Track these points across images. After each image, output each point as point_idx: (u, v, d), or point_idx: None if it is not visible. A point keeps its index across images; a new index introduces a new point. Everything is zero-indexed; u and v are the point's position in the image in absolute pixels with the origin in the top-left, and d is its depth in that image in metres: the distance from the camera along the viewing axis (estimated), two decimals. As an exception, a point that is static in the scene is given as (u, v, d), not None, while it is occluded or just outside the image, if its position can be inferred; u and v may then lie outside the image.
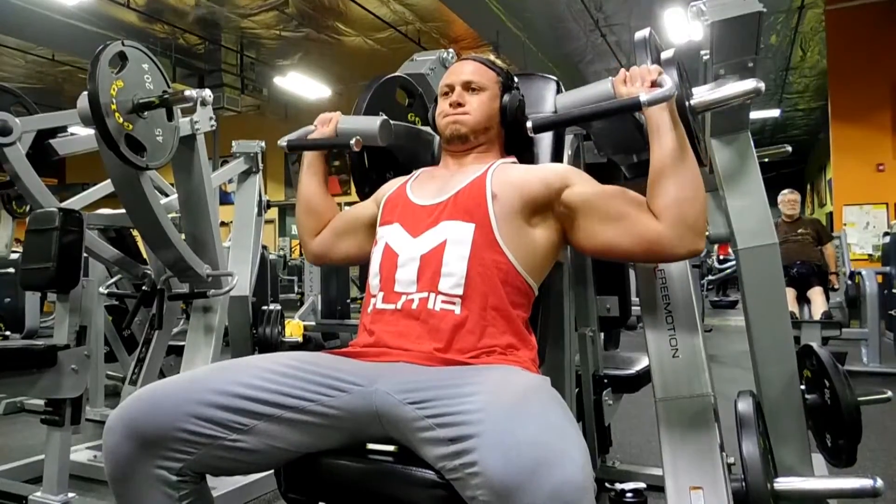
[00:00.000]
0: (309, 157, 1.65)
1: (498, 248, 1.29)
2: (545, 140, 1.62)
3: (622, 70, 1.30)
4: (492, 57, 1.57)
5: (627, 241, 1.27)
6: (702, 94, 1.37)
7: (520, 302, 1.31)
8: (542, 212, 1.35)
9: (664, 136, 1.25)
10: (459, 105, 1.47)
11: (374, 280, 1.36)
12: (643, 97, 1.19)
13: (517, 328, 1.29)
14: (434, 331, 1.24)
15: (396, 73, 1.81)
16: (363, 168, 1.66)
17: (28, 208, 2.45)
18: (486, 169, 1.40)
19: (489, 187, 1.35)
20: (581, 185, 1.35)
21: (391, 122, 1.56)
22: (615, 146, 1.47)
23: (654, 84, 1.25)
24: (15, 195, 2.79)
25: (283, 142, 1.59)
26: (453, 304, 1.25)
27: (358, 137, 1.48)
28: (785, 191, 5.60)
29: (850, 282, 5.69)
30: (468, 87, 1.49)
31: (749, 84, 1.29)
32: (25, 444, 3.22)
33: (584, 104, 1.32)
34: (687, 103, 1.33)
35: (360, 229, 1.57)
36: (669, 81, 1.22)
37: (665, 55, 1.35)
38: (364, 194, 1.66)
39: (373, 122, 1.52)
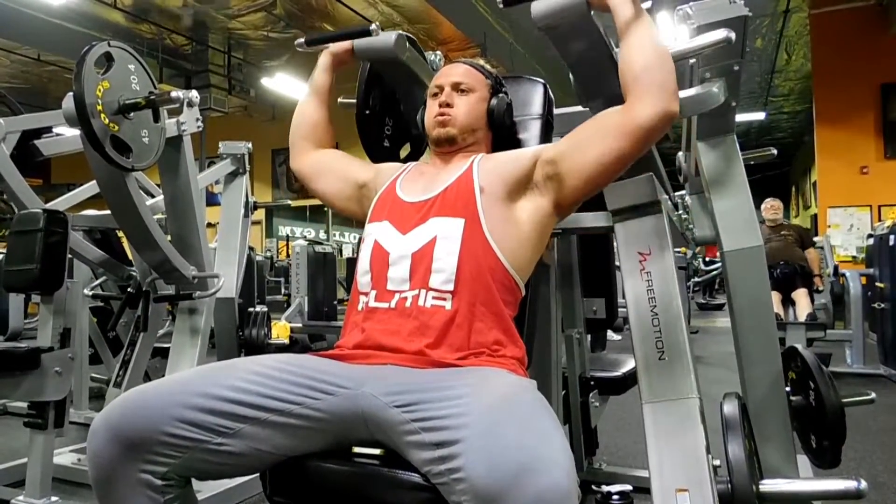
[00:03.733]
0: (324, 59, 1.69)
1: (487, 243, 1.30)
2: (532, 142, 1.63)
3: None
4: (482, 62, 1.59)
5: (611, 143, 1.27)
6: (676, 45, 1.39)
7: (508, 299, 1.32)
8: (524, 187, 1.38)
9: (624, 9, 1.26)
10: (448, 105, 1.49)
11: (363, 278, 1.36)
12: None
13: (506, 325, 1.30)
14: (425, 327, 1.24)
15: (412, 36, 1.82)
16: (369, 91, 1.71)
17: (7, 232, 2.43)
18: (471, 163, 1.43)
19: (476, 181, 1.37)
20: (554, 145, 1.40)
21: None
22: (594, 89, 1.47)
23: None
24: (-2, 217, 2.76)
25: (300, 40, 1.68)
26: (444, 299, 1.26)
27: (376, 25, 1.54)
28: (768, 199, 5.76)
29: (833, 278, 5.74)
30: (457, 87, 1.50)
31: (720, 33, 1.32)
32: (8, 447, 3.19)
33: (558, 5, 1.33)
34: None
35: (346, 180, 1.59)
36: None
37: None
38: (364, 116, 1.70)
39: (390, 34, 1.58)
